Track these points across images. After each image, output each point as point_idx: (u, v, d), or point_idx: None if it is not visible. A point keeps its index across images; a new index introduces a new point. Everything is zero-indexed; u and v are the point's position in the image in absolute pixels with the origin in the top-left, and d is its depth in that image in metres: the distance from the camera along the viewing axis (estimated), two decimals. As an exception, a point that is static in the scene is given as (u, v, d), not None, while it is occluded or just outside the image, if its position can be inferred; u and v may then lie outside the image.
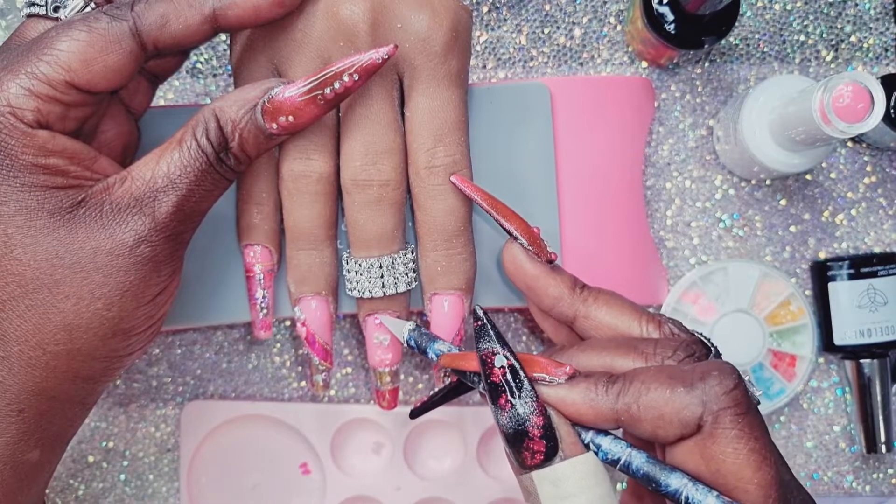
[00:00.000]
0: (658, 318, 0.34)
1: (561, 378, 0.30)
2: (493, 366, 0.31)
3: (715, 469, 0.28)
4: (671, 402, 0.29)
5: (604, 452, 0.30)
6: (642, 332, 0.34)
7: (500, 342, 0.31)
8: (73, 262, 0.31)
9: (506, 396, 0.30)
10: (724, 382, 0.29)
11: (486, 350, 0.31)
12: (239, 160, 0.34)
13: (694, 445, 0.29)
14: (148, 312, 0.33)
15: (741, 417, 0.28)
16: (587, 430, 0.31)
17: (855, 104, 0.38)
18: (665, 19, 0.44)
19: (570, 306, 0.36)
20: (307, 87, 0.34)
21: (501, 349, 0.31)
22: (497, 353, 0.31)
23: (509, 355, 0.31)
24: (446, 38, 0.36)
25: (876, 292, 0.48)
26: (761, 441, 0.28)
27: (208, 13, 0.33)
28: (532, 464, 0.30)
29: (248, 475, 0.49)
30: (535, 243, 0.36)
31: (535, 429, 0.30)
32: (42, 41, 0.32)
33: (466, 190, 0.37)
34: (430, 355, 0.35)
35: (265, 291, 0.40)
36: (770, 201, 0.50)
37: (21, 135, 0.31)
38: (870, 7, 0.49)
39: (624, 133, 0.46)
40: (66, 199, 0.31)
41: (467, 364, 0.33)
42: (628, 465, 0.30)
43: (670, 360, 0.31)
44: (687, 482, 0.29)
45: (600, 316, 0.35)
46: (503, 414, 0.30)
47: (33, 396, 0.32)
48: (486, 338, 0.31)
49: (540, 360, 0.31)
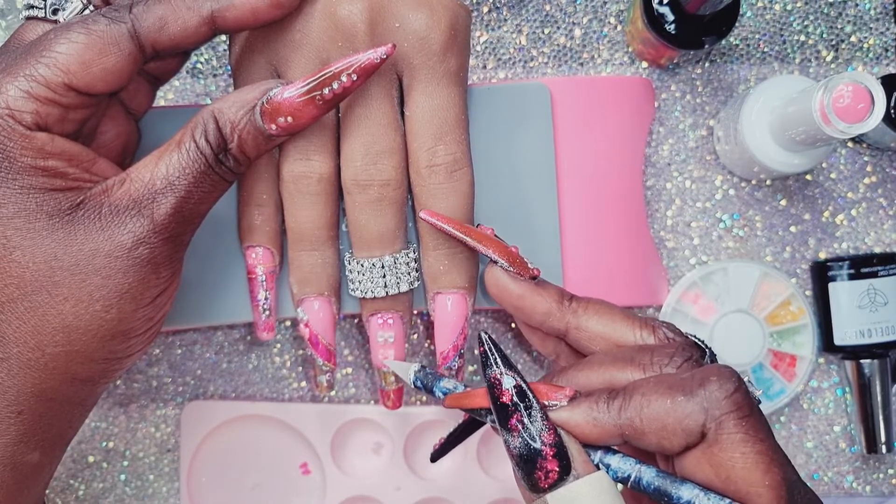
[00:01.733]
0: (651, 324, 0.34)
1: (562, 401, 0.30)
2: (501, 387, 0.30)
3: (725, 476, 0.28)
4: (673, 411, 0.28)
5: (613, 471, 0.30)
6: (636, 338, 0.33)
7: (506, 365, 0.31)
8: (72, 264, 0.31)
9: (516, 417, 0.30)
10: (725, 386, 0.28)
11: (494, 374, 0.31)
12: (238, 161, 0.34)
13: (701, 454, 0.28)
14: (147, 314, 0.33)
15: (745, 420, 0.28)
16: (595, 451, 0.30)
17: (855, 104, 0.38)
18: (665, 19, 0.44)
19: (561, 320, 0.35)
20: (306, 87, 0.34)
21: (508, 371, 0.30)
22: (504, 375, 0.30)
23: (517, 376, 0.30)
24: (445, 36, 0.36)
25: (876, 292, 0.48)
26: (767, 442, 0.28)
27: (206, 15, 0.33)
28: (546, 485, 0.29)
29: (248, 475, 0.49)
30: (515, 263, 0.36)
31: (548, 447, 0.29)
32: (40, 43, 0.32)
33: (438, 223, 0.37)
34: (437, 394, 0.35)
35: (267, 293, 0.40)
36: (770, 201, 0.50)
37: (20, 137, 0.31)
38: (870, 7, 0.49)
39: (624, 133, 0.46)
40: (64, 201, 0.31)
41: (472, 402, 0.32)
42: (639, 481, 0.29)
43: (668, 368, 0.31)
44: (698, 493, 0.28)
45: (592, 326, 0.35)
46: (514, 436, 0.30)
47: (32, 398, 0.32)
48: (492, 362, 0.31)
49: (539, 387, 0.31)
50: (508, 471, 0.49)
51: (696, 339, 0.33)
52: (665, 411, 0.28)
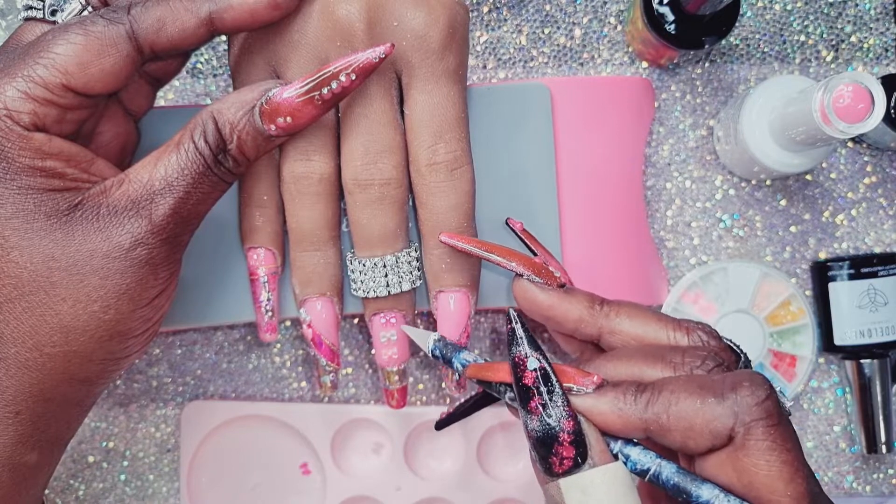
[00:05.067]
0: (686, 326, 0.33)
1: (589, 387, 0.30)
2: (525, 368, 0.30)
3: (747, 481, 0.28)
4: (702, 412, 0.28)
5: (632, 462, 0.30)
6: (669, 339, 0.33)
7: (532, 346, 0.30)
8: (70, 264, 0.31)
9: (537, 400, 0.30)
10: (756, 393, 0.28)
11: (519, 353, 0.30)
12: (238, 162, 0.34)
13: (725, 457, 0.28)
14: (145, 315, 0.33)
15: (773, 429, 0.28)
16: (615, 441, 0.30)
17: (855, 104, 0.38)
18: (665, 19, 0.44)
19: (593, 325, 0.34)
20: (305, 87, 0.34)
21: (534, 352, 0.30)
22: (530, 357, 0.30)
23: (542, 359, 0.30)
24: (443, 34, 0.36)
25: (876, 292, 0.48)
26: (793, 453, 0.28)
27: (204, 17, 0.33)
28: (560, 470, 0.29)
29: (248, 475, 0.49)
30: (540, 273, 0.35)
31: (566, 434, 0.29)
32: (39, 44, 0.32)
33: (459, 244, 0.36)
34: (456, 365, 0.34)
35: (270, 294, 0.40)
36: (770, 201, 0.49)
37: (17, 137, 0.31)
38: (870, 7, 0.49)
39: (624, 133, 0.46)
40: (62, 201, 0.31)
41: (494, 375, 0.32)
42: (658, 476, 0.29)
43: (699, 370, 0.30)
44: (718, 493, 0.28)
45: (625, 328, 0.34)
46: (533, 418, 0.30)
47: (30, 398, 0.32)
48: (518, 341, 0.31)
49: (567, 370, 0.30)
50: (508, 471, 0.49)
51: (732, 344, 0.33)
52: (694, 411, 0.28)
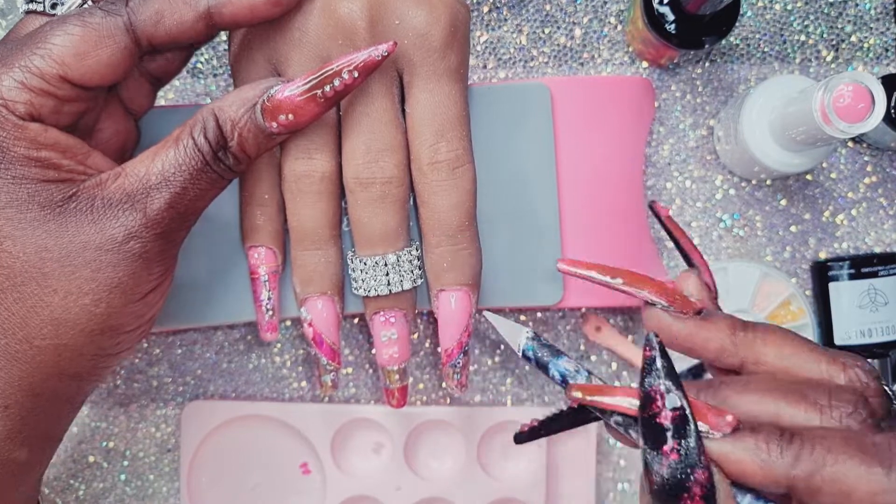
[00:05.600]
0: (843, 361, 0.29)
1: (725, 430, 0.26)
2: (662, 407, 0.26)
3: None
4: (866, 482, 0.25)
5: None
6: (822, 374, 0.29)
7: (671, 378, 0.26)
8: (62, 255, 0.31)
9: (672, 444, 0.26)
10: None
11: (656, 386, 0.26)
12: (238, 160, 0.34)
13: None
14: (137, 311, 0.33)
15: None
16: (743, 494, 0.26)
17: (855, 104, 0.38)
18: (665, 19, 0.44)
19: (735, 355, 0.31)
20: (306, 85, 0.34)
21: (674, 388, 0.26)
22: (670, 393, 0.26)
23: (682, 398, 0.26)
24: (444, 33, 0.36)
25: (876, 292, 0.48)
26: None
27: (203, 10, 0.33)
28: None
29: (248, 475, 0.49)
30: (675, 302, 0.32)
31: (698, 486, 0.26)
32: (36, 35, 0.32)
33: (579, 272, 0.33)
34: (553, 373, 0.30)
35: (270, 293, 0.40)
36: (770, 201, 0.50)
37: (12, 127, 0.31)
38: (870, 7, 0.49)
39: (624, 133, 0.46)
40: (57, 192, 0.31)
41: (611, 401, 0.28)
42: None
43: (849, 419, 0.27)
44: None
45: (771, 360, 0.30)
46: (663, 463, 0.26)
47: (19, 392, 0.32)
48: (657, 372, 0.26)
49: (699, 407, 0.26)
50: (508, 471, 0.49)
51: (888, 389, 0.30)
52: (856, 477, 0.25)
